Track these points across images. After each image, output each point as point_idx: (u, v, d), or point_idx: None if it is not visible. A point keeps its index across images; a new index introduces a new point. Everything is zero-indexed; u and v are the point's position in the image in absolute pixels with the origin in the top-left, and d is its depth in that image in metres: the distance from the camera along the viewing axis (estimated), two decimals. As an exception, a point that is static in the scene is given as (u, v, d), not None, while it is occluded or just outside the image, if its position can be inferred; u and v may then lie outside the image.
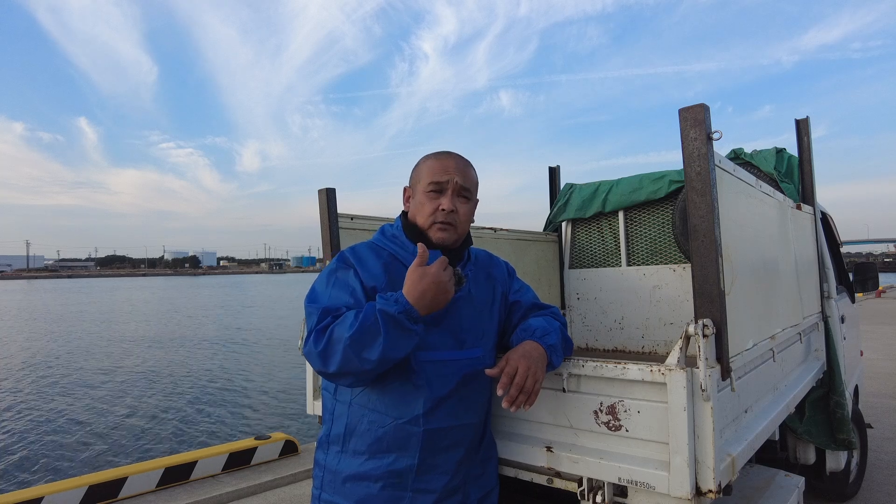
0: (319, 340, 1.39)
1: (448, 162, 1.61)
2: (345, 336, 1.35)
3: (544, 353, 1.54)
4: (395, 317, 1.35)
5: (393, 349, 1.36)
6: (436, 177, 1.59)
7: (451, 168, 1.60)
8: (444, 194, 1.58)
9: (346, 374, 1.41)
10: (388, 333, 1.34)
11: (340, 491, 1.52)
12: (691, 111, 1.57)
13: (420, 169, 1.65)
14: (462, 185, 1.60)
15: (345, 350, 1.35)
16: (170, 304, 37.39)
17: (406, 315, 1.36)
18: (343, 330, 1.36)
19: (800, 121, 3.36)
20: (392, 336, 1.35)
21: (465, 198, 1.62)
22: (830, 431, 3.10)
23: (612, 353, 3.86)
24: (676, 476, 1.46)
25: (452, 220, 1.58)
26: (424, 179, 1.61)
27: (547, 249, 4.06)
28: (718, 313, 1.53)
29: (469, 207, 1.64)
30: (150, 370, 12.68)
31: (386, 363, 1.38)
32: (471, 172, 1.65)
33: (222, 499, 4.12)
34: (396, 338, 1.36)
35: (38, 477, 6.24)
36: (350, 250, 1.62)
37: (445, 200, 1.57)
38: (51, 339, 18.50)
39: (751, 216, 2.07)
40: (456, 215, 1.59)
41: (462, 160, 1.64)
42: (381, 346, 1.34)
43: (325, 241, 2.47)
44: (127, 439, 7.63)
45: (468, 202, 1.64)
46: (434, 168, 1.60)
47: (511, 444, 1.79)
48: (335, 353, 1.37)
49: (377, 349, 1.34)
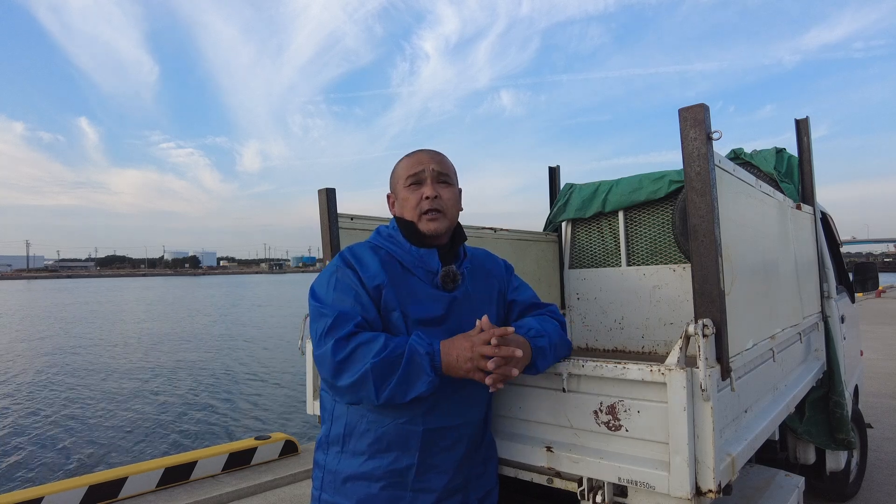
0: (339, 350, 1.39)
1: (420, 155, 1.64)
2: (369, 359, 1.37)
3: (530, 353, 1.53)
4: (422, 356, 1.38)
5: (404, 384, 1.38)
6: (412, 170, 1.62)
7: (425, 159, 1.63)
8: (424, 184, 1.61)
9: (349, 393, 1.42)
10: (406, 369, 1.37)
11: (340, 491, 1.52)
12: (691, 111, 1.57)
13: (396, 170, 1.68)
14: (439, 171, 1.62)
15: (365, 373, 1.36)
16: (179, 304, 37.40)
17: (430, 360, 1.38)
18: (368, 353, 1.38)
19: (800, 121, 3.37)
20: (408, 372, 1.37)
21: (446, 183, 1.64)
22: (830, 431, 3.10)
23: (612, 353, 3.86)
24: (676, 476, 1.46)
25: (439, 206, 1.59)
26: (402, 177, 1.64)
27: (547, 249, 4.06)
28: (718, 313, 1.53)
29: (452, 192, 1.65)
30: (149, 371, 12.68)
31: (392, 400, 1.39)
32: (445, 160, 1.67)
33: (222, 499, 4.12)
34: (411, 375, 1.38)
35: (38, 477, 6.24)
36: (348, 251, 1.62)
37: (427, 188, 1.59)
38: (51, 340, 18.50)
39: (751, 216, 2.07)
40: (441, 201, 1.60)
41: (433, 151, 1.67)
42: (396, 381, 1.37)
43: (325, 242, 2.47)
44: (127, 439, 7.63)
45: (450, 187, 1.64)
46: (408, 164, 1.64)
47: (511, 444, 1.79)
48: (353, 371, 1.38)
49: (393, 382, 1.37)
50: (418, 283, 1.56)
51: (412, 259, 1.59)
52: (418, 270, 1.58)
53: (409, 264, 1.58)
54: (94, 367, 13.25)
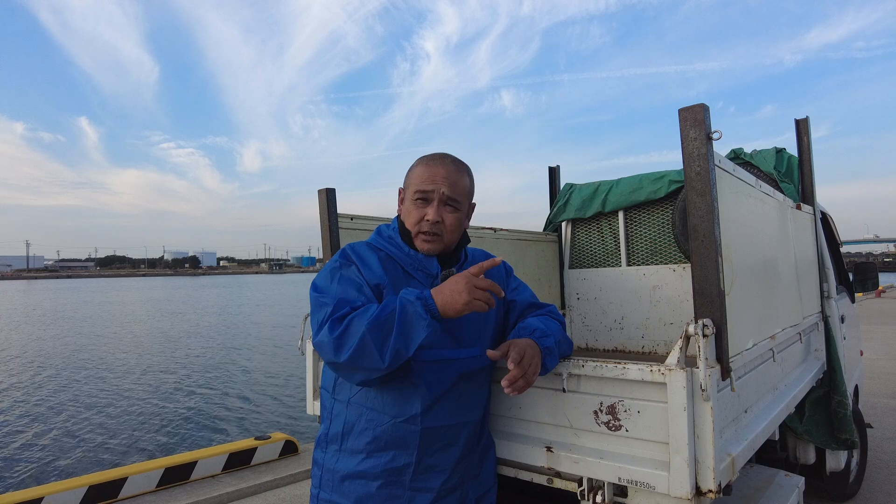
0: (335, 328, 1.37)
1: (437, 170, 1.57)
2: (364, 324, 1.33)
3: (540, 354, 1.53)
4: (413, 302, 1.34)
5: (403, 336, 1.34)
6: (423, 185, 1.56)
7: (440, 177, 1.56)
8: (430, 204, 1.56)
9: (357, 367, 1.37)
10: (402, 320, 1.33)
11: (339, 489, 1.52)
12: (691, 111, 1.57)
13: (411, 173, 1.63)
14: (449, 195, 1.56)
15: (362, 338, 1.33)
16: (188, 303, 37.38)
17: (423, 303, 1.35)
18: (363, 320, 1.35)
19: (799, 121, 3.36)
20: (404, 323, 1.34)
21: (453, 207, 1.59)
22: (831, 431, 3.10)
23: (612, 353, 3.86)
24: (676, 476, 1.46)
25: (438, 231, 1.56)
26: (412, 186, 1.59)
27: (547, 249, 4.06)
28: (718, 313, 1.53)
29: (456, 217, 1.60)
30: (150, 370, 12.68)
31: (398, 357, 1.35)
32: (461, 181, 1.60)
33: (222, 499, 4.12)
34: (408, 325, 1.34)
35: (38, 477, 6.24)
36: (350, 248, 1.62)
37: (431, 211, 1.55)
38: (51, 339, 18.50)
39: (751, 216, 2.07)
40: (442, 226, 1.57)
41: (453, 168, 1.59)
42: (394, 335, 1.33)
43: (324, 242, 2.47)
44: (127, 439, 7.63)
45: (456, 212, 1.59)
46: (422, 176, 1.58)
47: (511, 444, 1.79)
48: (350, 342, 1.34)
49: (392, 338, 1.33)
50: (418, 285, 1.56)
51: (411, 262, 1.59)
52: (418, 273, 1.58)
53: (409, 267, 1.59)
54: (95, 367, 13.24)
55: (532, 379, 1.47)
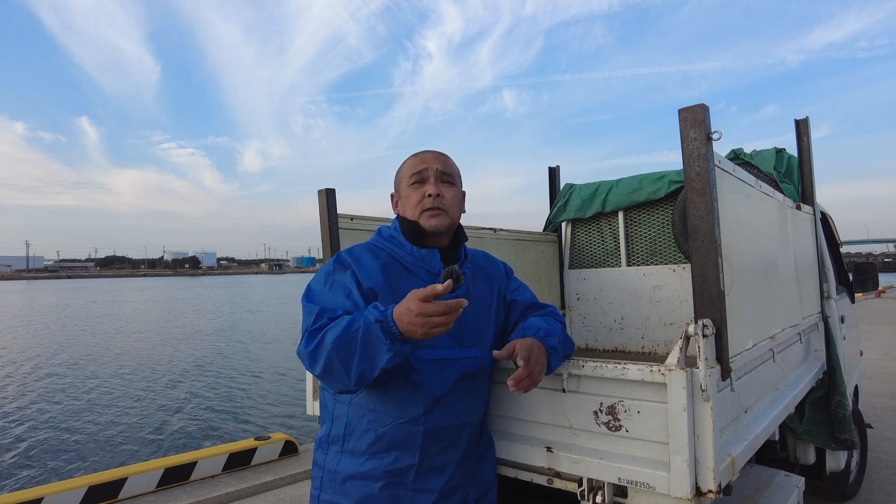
0: (311, 341, 1.38)
1: (425, 155, 1.66)
2: (330, 340, 1.33)
3: (544, 353, 1.54)
4: (373, 324, 1.29)
5: (366, 358, 1.31)
6: (416, 168, 1.63)
7: (429, 158, 1.65)
8: (427, 182, 1.62)
9: (330, 380, 1.42)
10: (364, 341, 1.30)
11: (340, 491, 1.52)
12: (691, 111, 1.57)
13: (401, 170, 1.69)
14: (442, 170, 1.63)
15: (329, 355, 1.33)
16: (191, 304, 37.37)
17: (382, 326, 1.28)
18: (332, 336, 1.34)
19: (799, 121, 3.37)
20: (366, 344, 1.30)
21: (449, 182, 1.65)
22: (831, 431, 3.10)
23: (612, 353, 3.86)
24: (676, 476, 1.46)
25: (440, 205, 1.60)
26: (406, 175, 1.65)
27: (547, 250, 4.06)
28: (718, 313, 1.53)
29: (455, 192, 1.65)
30: (150, 370, 12.68)
31: (363, 377, 1.33)
32: (449, 161, 1.68)
33: (222, 499, 4.12)
34: (370, 348, 1.30)
35: (38, 477, 6.24)
36: (347, 251, 1.62)
37: (430, 186, 1.61)
38: (53, 339, 18.50)
39: (751, 216, 2.07)
40: (443, 199, 1.61)
41: (438, 152, 1.68)
42: (357, 357, 1.31)
43: (324, 242, 2.47)
44: (127, 439, 7.63)
45: (453, 187, 1.65)
46: (413, 163, 1.66)
47: (511, 444, 1.79)
48: (321, 356, 1.35)
49: (356, 360, 1.31)
50: (420, 284, 1.56)
51: (413, 260, 1.59)
52: (420, 272, 1.59)
53: (411, 265, 1.59)
54: (94, 367, 13.24)
55: (538, 378, 1.48)
